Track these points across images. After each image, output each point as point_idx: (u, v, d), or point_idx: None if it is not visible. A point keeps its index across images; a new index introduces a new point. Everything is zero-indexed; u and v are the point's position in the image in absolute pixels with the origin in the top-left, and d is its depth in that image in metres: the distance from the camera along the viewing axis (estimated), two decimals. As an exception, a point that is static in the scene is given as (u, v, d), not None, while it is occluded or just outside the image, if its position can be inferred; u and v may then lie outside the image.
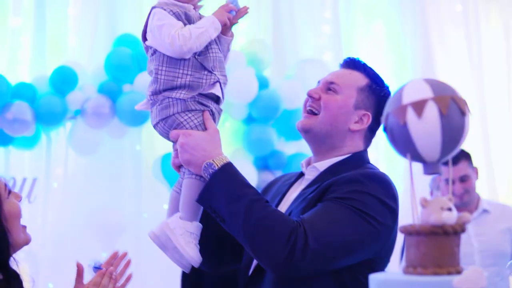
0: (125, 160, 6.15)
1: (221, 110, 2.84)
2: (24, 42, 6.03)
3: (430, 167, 1.81)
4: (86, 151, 5.92)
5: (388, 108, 1.80)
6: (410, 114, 1.74)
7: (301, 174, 2.94)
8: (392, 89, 6.68)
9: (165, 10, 2.72)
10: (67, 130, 5.85)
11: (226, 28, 2.82)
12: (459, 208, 5.18)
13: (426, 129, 1.74)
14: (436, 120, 1.73)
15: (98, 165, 6.03)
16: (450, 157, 1.79)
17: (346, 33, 7.06)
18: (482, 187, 6.77)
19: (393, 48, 7.24)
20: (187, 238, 2.68)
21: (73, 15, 6.22)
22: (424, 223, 1.70)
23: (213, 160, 2.64)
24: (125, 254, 2.87)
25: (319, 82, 2.93)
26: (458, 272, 1.69)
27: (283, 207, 2.84)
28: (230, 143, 6.24)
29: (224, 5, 2.81)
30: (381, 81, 2.93)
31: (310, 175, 2.85)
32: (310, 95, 2.88)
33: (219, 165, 2.63)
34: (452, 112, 1.75)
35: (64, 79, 5.64)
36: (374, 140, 3.00)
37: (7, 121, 5.40)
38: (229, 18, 2.78)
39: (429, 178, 6.19)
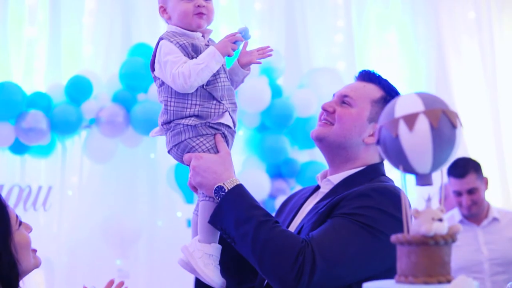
0: (139, 168, 6.21)
1: (234, 132, 2.84)
2: (40, 52, 6.11)
3: (422, 179, 1.83)
4: (101, 159, 5.96)
5: (381, 121, 1.83)
6: (402, 127, 1.76)
7: (318, 187, 2.94)
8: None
9: (171, 42, 2.71)
10: (82, 138, 5.90)
11: (247, 63, 2.81)
12: (468, 218, 5.21)
13: (417, 141, 1.76)
14: (427, 133, 1.76)
15: (112, 174, 6.09)
16: (441, 169, 1.81)
17: (359, 42, 7.08)
18: (496, 195, 6.77)
19: (406, 56, 7.25)
20: (206, 260, 2.69)
21: (88, 25, 6.29)
22: (415, 233, 1.72)
23: (223, 183, 2.65)
24: (121, 283, 2.89)
25: (334, 95, 2.93)
26: (449, 281, 1.72)
27: (298, 220, 2.85)
28: (243, 151, 6.28)
29: (230, 35, 2.75)
30: (396, 92, 2.90)
31: (324, 188, 2.85)
32: (324, 109, 2.87)
33: (229, 188, 2.64)
34: (443, 125, 1.77)
35: (79, 89, 5.69)
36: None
37: (23, 130, 5.45)
38: (234, 49, 2.73)
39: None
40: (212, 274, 2.68)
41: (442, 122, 1.77)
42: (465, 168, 5.24)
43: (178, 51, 2.69)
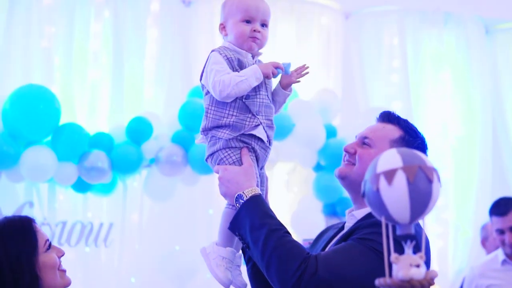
0: (197, 207, 6.37)
1: (268, 147, 3.02)
2: (103, 94, 6.32)
3: (403, 228, 1.97)
4: (161, 197, 6.12)
5: (366, 175, 1.98)
6: (382, 182, 1.91)
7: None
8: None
9: (220, 54, 2.94)
10: (142, 177, 6.07)
11: (287, 84, 3.02)
12: (511, 257, 5.23)
13: (395, 195, 1.90)
14: (404, 187, 1.90)
15: (172, 211, 6.27)
16: (422, 218, 1.94)
17: (414, 81, 7.15)
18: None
19: (462, 96, 7.28)
20: (218, 262, 2.91)
21: (150, 68, 6.52)
22: (394, 278, 1.86)
23: (243, 192, 2.84)
24: None
25: (356, 137, 3.07)
26: (425, 322, 1.84)
27: None
28: (300, 190, 6.40)
29: (274, 62, 2.98)
30: (415, 132, 3.04)
31: (349, 223, 2.99)
32: (346, 150, 3.03)
33: (247, 196, 2.83)
34: (419, 180, 1.90)
35: (139, 129, 5.85)
36: (443, 187, 3.06)
37: (86, 169, 5.62)
38: (273, 73, 2.94)
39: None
40: (222, 274, 2.89)
41: (419, 177, 1.91)
42: (506, 206, 5.31)
43: (224, 62, 2.92)
